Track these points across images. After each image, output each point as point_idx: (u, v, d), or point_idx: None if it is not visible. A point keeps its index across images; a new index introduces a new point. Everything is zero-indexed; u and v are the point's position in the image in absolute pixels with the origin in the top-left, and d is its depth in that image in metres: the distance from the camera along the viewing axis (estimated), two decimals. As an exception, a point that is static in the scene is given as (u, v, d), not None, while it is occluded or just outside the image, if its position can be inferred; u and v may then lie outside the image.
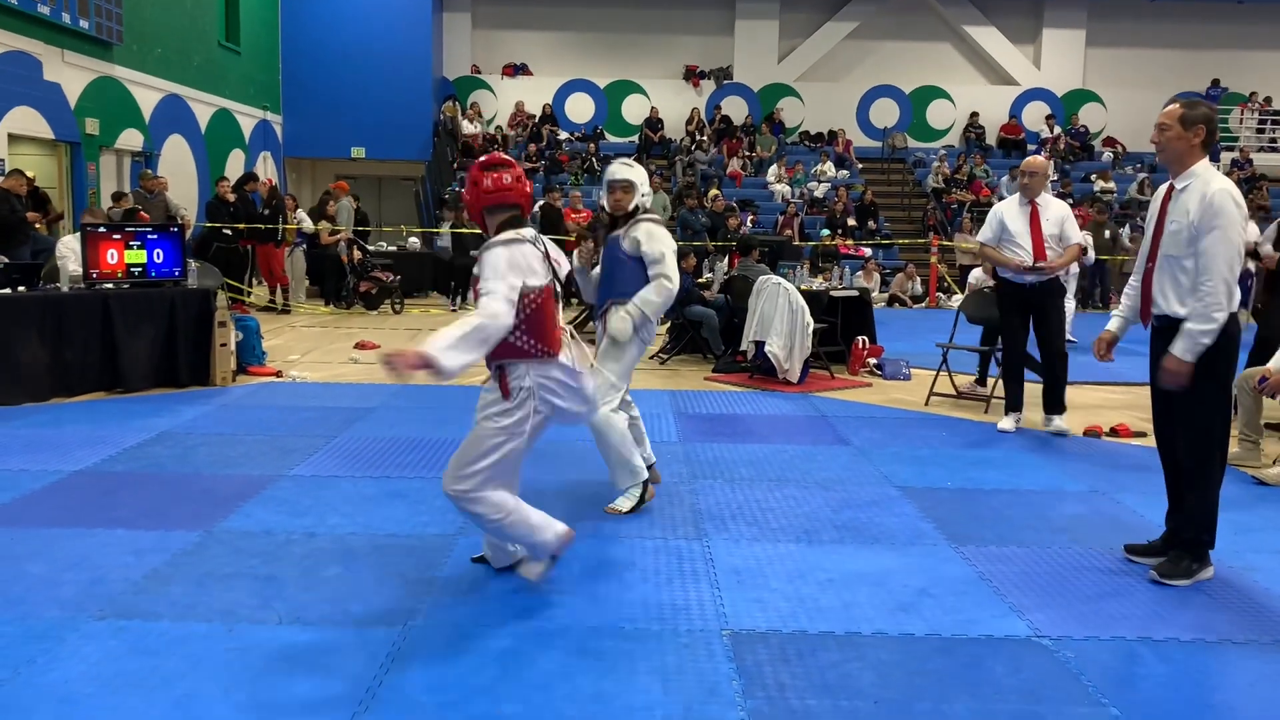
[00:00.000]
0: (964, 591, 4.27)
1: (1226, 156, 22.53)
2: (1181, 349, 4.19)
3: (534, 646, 3.63)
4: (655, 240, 5.24)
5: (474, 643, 3.66)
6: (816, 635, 3.79)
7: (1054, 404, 7.28)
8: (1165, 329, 4.36)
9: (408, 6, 22.00)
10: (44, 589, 4.08)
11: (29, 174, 11.59)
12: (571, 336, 4.08)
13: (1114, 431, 7.19)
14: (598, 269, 5.54)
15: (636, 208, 5.33)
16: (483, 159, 4.05)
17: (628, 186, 5.30)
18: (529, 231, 3.93)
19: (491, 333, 3.66)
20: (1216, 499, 4.37)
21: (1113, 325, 4.74)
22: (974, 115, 24.14)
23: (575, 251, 5.56)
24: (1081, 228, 8.43)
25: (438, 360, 3.47)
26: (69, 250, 8.67)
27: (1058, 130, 23.89)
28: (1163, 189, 4.49)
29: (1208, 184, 4.20)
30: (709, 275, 12.34)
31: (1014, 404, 7.41)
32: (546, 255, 3.96)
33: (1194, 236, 4.19)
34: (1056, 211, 7.25)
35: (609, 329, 5.28)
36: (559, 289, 4.03)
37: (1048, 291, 7.17)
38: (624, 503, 5.28)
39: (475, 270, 3.87)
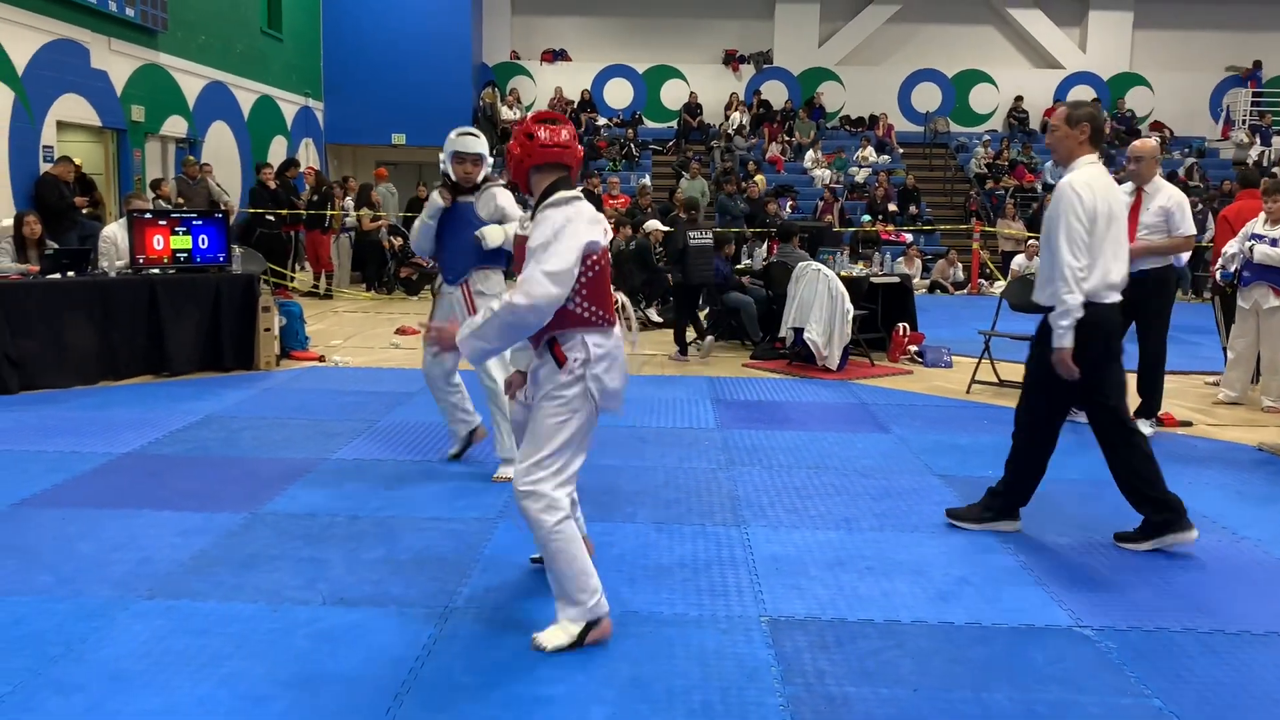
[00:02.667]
0: (1004, 580, 4.24)
1: (1278, 141, 22.05)
2: (1053, 338, 4.39)
3: (573, 630, 3.65)
4: (513, 203, 5.48)
5: (514, 625, 3.70)
6: (855, 623, 3.79)
7: (1141, 408, 6.85)
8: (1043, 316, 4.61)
9: (447, -8, 22.06)
10: (94, 569, 4.17)
11: (76, 160, 11.79)
12: (621, 307, 3.73)
13: (1159, 421, 7.09)
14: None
15: (485, 178, 5.51)
16: (534, 113, 3.74)
17: (478, 159, 5.44)
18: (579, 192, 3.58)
19: (522, 320, 3.31)
20: (1148, 470, 4.53)
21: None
22: (1018, 99, 23.80)
23: (438, 190, 5.52)
24: None
25: (460, 346, 3.45)
26: (110, 244, 8.80)
27: (1104, 114, 23.50)
28: None
29: (1066, 174, 4.49)
30: (748, 261, 12.30)
31: None
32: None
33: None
34: (1161, 200, 6.61)
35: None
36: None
37: (1146, 289, 6.38)
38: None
39: (524, 230, 3.55)
